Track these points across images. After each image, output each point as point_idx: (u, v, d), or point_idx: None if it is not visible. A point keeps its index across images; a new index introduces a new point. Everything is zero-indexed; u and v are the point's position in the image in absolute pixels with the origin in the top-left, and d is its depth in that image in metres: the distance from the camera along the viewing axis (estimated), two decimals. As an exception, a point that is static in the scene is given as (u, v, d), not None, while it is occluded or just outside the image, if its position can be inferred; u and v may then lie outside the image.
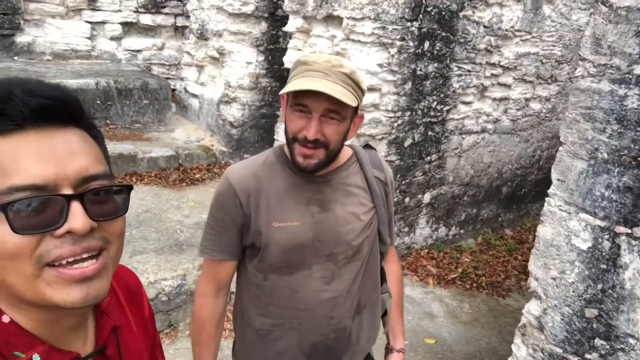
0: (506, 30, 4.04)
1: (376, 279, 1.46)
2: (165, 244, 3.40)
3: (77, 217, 0.58)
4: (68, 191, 0.59)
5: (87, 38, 5.94)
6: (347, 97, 1.16)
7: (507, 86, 4.37)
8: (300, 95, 1.18)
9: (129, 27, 6.15)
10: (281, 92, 1.22)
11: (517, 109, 4.56)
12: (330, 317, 1.33)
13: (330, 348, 1.36)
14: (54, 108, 0.59)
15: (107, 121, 5.00)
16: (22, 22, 5.50)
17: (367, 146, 1.47)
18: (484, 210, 4.80)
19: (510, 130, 4.62)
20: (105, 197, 0.63)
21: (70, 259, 0.59)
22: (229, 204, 1.29)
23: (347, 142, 1.34)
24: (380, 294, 1.52)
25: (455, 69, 3.90)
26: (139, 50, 6.30)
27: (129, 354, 0.76)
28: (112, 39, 6.09)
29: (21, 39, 5.55)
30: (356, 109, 1.25)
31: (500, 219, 5.02)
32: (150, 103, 5.20)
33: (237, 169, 1.34)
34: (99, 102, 4.89)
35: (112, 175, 0.66)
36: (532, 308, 1.88)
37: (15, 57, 5.53)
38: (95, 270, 0.61)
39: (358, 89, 1.23)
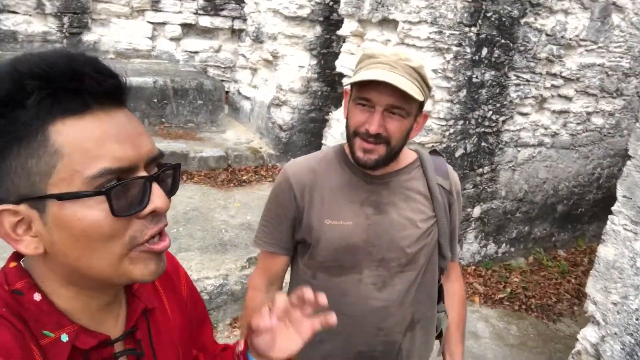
0: (570, 39, 3.84)
1: (433, 294, 1.38)
2: (210, 243, 3.44)
3: (160, 197, 0.61)
4: (143, 172, 0.61)
5: (149, 38, 6.16)
6: (412, 90, 1.11)
7: (568, 98, 4.15)
8: (364, 89, 1.14)
9: (188, 28, 6.34)
10: (345, 84, 1.21)
11: (578, 123, 4.33)
12: (379, 329, 1.27)
13: None
14: (119, 89, 0.60)
15: (162, 119, 5.15)
16: (89, 21, 5.78)
17: (434, 152, 1.40)
18: (536, 229, 4.57)
19: (569, 145, 4.39)
20: (166, 176, 0.66)
21: (155, 237, 0.62)
22: (283, 197, 1.28)
23: (412, 147, 1.29)
24: (437, 312, 1.43)
25: (514, 78, 3.74)
26: (196, 52, 6.47)
27: (160, 337, 0.75)
28: (171, 39, 6.29)
29: (88, 37, 5.83)
30: (421, 107, 1.20)
31: (553, 238, 4.77)
32: (204, 104, 5.31)
33: (295, 163, 1.34)
34: (155, 100, 5.04)
35: (163, 154, 0.67)
36: (588, 334, 1.74)
37: (81, 55, 5.81)
38: (169, 244, 0.65)
39: (425, 85, 1.17)
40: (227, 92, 6.02)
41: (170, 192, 0.66)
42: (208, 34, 6.47)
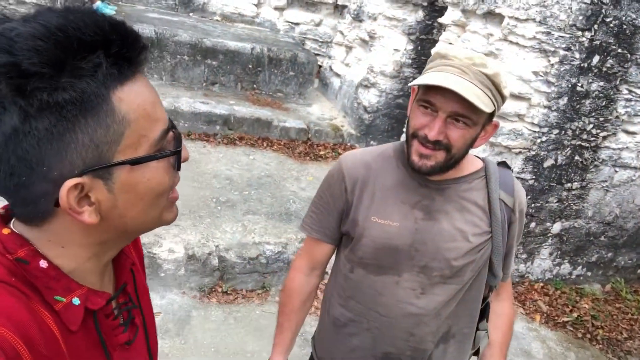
0: (702, 57, 3.41)
1: (474, 311, 1.33)
2: (276, 210, 3.54)
3: (185, 149, 0.67)
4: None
5: (254, 5, 6.32)
6: (481, 100, 1.03)
7: (687, 123, 3.72)
8: (429, 91, 1.08)
9: (292, -1, 6.41)
10: (410, 84, 1.14)
11: (694, 152, 3.87)
12: (410, 334, 1.25)
13: None
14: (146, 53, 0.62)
15: (254, 86, 5.31)
16: (202, -18, 6.02)
17: (502, 164, 1.31)
18: (621, 257, 4.21)
19: (679, 174, 3.95)
20: None
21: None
22: (335, 188, 1.28)
23: (480, 154, 1.21)
24: (476, 330, 1.38)
25: (625, 92, 3.41)
26: (297, 23, 6.54)
27: (140, 289, 0.79)
28: (275, 8, 6.40)
29: (198, -2, 6.10)
30: (491, 115, 1.11)
31: (639, 271, 4.37)
32: (296, 75, 5.40)
33: (351, 155, 1.31)
34: (250, 66, 5.20)
35: None
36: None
37: (191, 14, 6.10)
38: None
39: (498, 94, 1.09)
40: (319, 67, 6.05)
41: None
42: (311, 6, 6.50)
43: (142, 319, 0.78)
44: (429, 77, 1.07)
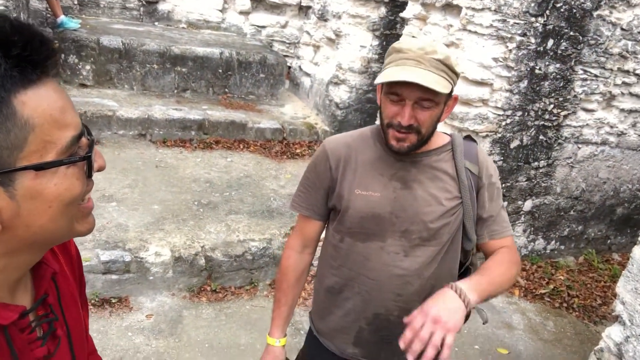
0: (648, 35, 3.63)
1: (454, 271, 1.44)
2: (258, 209, 3.62)
3: (101, 156, 0.65)
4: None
5: (219, 10, 6.37)
6: (439, 84, 1.18)
7: (640, 97, 3.95)
8: (393, 84, 1.22)
9: (257, 3, 6.48)
10: (375, 81, 1.28)
11: (649, 124, 4.11)
12: (397, 294, 1.36)
13: (392, 324, 1.37)
14: (56, 56, 0.60)
15: (226, 90, 5.37)
16: (165, -9, 6.05)
17: (467, 137, 1.45)
18: (591, 229, 4.42)
19: (637, 146, 4.18)
20: None
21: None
22: (320, 166, 1.41)
23: (447, 131, 1.35)
24: None
25: (581, 72, 3.61)
26: (263, 26, 6.62)
27: (66, 299, 0.76)
28: (240, 13, 6.46)
29: (163, 6, 6.12)
30: (450, 92, 1.27)
31: (609, 241, 4.59)
32: (266, 77, 5.48)
33: (333, 137, 1.46)
34: (220, 71, 5.26)
35: None
36: (613, 333, 1.74)
37: (156, 23, 6.12)
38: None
39: (452, 73, 1.24)
40: (289, 68, 6.15)
41: None
42: (276, 9, 6.59)
43: (66, 330, 0.74)
44: (390, 73, 1.21)
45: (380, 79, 1.23)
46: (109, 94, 4.77)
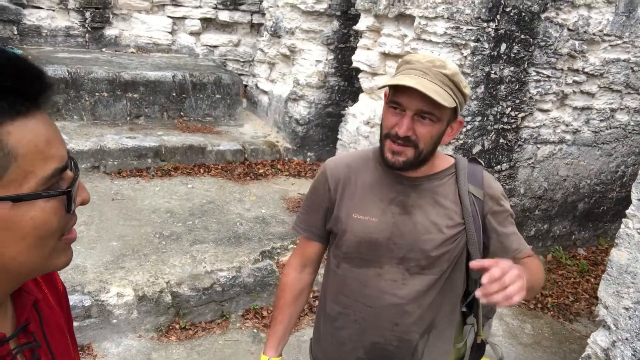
0: (593, 34, 3.74)
1: (455, 300, 1.38)
2: (224, 236, 3.48)
3: (85, 190, 0.65)
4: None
5: (169, 32, 6.22)
6: (441, 96, 1.14)
7: (591, 95, 4.05)
8: (396, 93, 1.20)
9: (207, 23, 6.38)
10: (379, 86, 1.27)
11: (601, 120, 4.23)
12: (394, 324, 1.32)
13: (391, 354, 1.34)
14: (49, 90, 0.61)
15: (181, 113, 5.21)
16: (111, 16, 5.86)
17: (472, 160, 1.38)
18: (556, 227, 4.49)
19: (592, 142, 4.29)
20: None
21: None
22: (319, 188, 1.38)
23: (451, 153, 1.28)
24: (464, 325, 1.43)
25: (534, 74, 3.67)
26: (215, 46, 6.51)
27: (51, 328, 0.75)
28: (191, 34, 6.34)
29: (109, 32, 5.92)
30: (456, 113, 1.23)
31: (573, 237, 4.68)
32: (223, 98, 5.35)
33: (335, 158, 1.44)
34: (174, 94, 5.10)
35: None
36: (599, 338, 1.71)
37: (104, 49, 5.91)
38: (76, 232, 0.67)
39: (458, 92, 1.20)
40: (245, 86, 6.05)
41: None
42: (227, 28, 6.50)
43: (51, 358, 0.73)
44: (394, 80, 1.19)
45: (383, 84, 1.23)
46: (57, 126, 4.52)
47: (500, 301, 0.99)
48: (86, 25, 5.75)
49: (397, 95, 1.19)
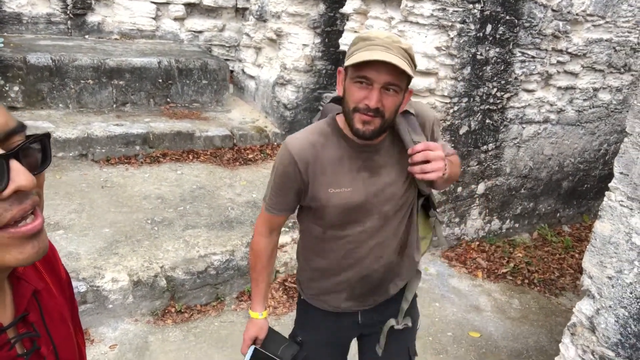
0: (577, 14, 3.80)
1: (414, 217, 1.57)
2: (216, 220, 3.50)
3: (22, 175, 0.55)
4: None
5: (152, 18, 6.14)
6: (407, 68, 1.25)
7: (574, 74, 4.12)
8: (362, 68, 1.26)
9: (191, 7, 6.30)
10: (345, 64, 1.30)
11: (584, 99, 4.31)
12: (379, 257, 1.51)
13: (378, 278, 1.55)
14: None
15: (168, 99, 5.18)
16: (93, 2, 5.76)
17: (404, 112, 1.46)
18: (541, 205, 4.59)
19: (575, 121, 4.38)
20: (32, 150, 0.60)
21: (19, 219, 0.57)
22: (289, 172, 1.43)
23: None
24: (429, 217, 1.66)
25: (519, 54, 3.72)
26: (200, 31, 6.44)
27: (52, 317, 0.74)
28: (175, 19, 6.26)
29: (92, 18, 5.82)
30: (408, 84, 1.34)
31: (558, 214, 4.79)
32: (209, 83, 5.32)
33: (296, 138, 1.45)
34: (160, 80, 5.06)
35: (25, 126, 0.61)
36: (584, 307, 1.78)
37: (86, 36, 5.82)
38: (42, 224, 0.60)
39: (412, 64, 1.31)
40: (231, 72, 6.01)
41: (41, 166, 0.61)
42: (212, 13, 6.43)
43: (52, 349, 0.72)
44: (362, 56, 1.24)
45: (353, 61, 1.26)
46: (42, 115, 4.48)
47: (417, 172, 1.32)
48: (68, 12, 5.65)
49: (364, 70, 1.25)
